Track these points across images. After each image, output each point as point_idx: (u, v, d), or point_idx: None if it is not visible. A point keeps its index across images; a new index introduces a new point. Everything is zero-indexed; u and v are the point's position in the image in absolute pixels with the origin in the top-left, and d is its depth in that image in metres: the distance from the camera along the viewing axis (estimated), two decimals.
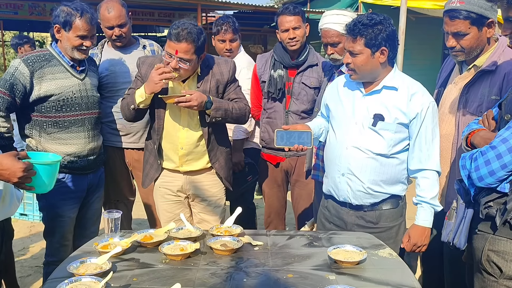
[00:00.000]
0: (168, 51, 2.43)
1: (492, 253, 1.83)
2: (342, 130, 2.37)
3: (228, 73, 2.65)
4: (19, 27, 15.20)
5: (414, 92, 2.27)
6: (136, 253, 2.04)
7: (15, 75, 2.51)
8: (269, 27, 14.27)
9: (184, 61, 2.43)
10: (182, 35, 2.38)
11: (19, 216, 4.85)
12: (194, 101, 2.45)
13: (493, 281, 1.85)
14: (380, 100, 2.29)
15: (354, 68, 2.25)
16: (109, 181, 3.07)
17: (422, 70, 12.03)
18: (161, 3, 11.73)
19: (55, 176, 1.99)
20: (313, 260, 1.97)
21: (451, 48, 2.30)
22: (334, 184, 2.41)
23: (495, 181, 1.74)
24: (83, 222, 2.86)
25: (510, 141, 1.69)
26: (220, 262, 1.94)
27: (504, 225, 1.78)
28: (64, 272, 1.81)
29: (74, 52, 2.62)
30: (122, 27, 2.98)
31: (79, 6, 2.59)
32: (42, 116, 2.61)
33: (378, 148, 2.28)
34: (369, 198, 2.34)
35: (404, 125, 2.27)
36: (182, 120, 2.62)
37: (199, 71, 2.60)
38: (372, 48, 2.19)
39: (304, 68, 3.21)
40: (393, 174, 2.32)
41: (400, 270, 1.91)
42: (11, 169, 1.77)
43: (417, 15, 11.65)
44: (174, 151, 2.66)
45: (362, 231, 2.34)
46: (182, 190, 2.77)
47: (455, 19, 2.21)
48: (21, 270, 3.70)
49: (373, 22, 2.16)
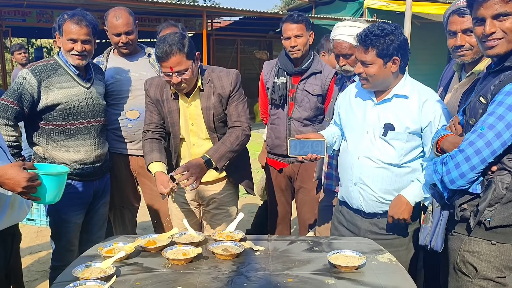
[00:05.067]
0: (165, 71, 2.44)
1: (468, 254, 1.88)
2: (354, 139, 2.39)
3: (229, 86, 2.61)
4: (27, 34, 15.41)
5: (426, 99, 2.27)
6: (139, 257, 2.08)
7: (23, 85, 2.57)
8: (274, 33, 14.34)
9: (182, 72, 2.43)
10: (167, 51, 2.37)
11: (26, 221, 4.91)
12: (195, 174, 2.41)
13: (468, 281, 1.90)
14: (391, 109, 2.30)
15: (367, 77, 2.26)
16: (114, 188, 3.12)
17: (428, 75, 12.01)
18: (167, 10, 11.84)
19: (62, 188, 1.99)
20: (313, 264, 2.00)
21: (459, 47, 2.25)
22: (347, 192, 2.44)
23: (466, 182, 1.80)
24: (89, 227, 2.91)
25: (476, 144, 1.75)
26: (221, 267, 1.98)
27: (480, 226, 1.83)
28: (69, 276, 1.85)
29: (69, 57, 2.65)
30: (129, 34, 3.04)
31: (75, 11, 2.63)
32: (49, 124, 2.66)
33: (389, 158, 2.29)
34: (381, 207, 2.35)
35: (416, 134, 2.28)
36: (191, 137, 2.65)
37: (201, 85, 2.58)
38: (385, 59, 2.21)
39: (307, 76, 3.24)
40: (405, 183, 2.32)
41: (399, 275, 1.93)
42: (15, 178, 1.79)
43: (422, 20, 11.67)
44: None
45: (375, 238, 2.35)
46: (195, 199, 2.80)
47: (464, 15, 2.18)
48: (28, 275, 3.75)
49: (385, 33, 2.18)
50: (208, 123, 2.61)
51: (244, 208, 5.36)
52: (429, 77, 11.79)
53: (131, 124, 3.06)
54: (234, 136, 2.60)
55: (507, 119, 1.69)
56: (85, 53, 2.65)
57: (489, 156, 1.74)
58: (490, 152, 1.73)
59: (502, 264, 1.83)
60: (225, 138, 2.61)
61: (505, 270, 1.83)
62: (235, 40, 14.59)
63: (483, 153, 1.74)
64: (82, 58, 2.65)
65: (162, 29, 3.30)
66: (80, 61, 2.66)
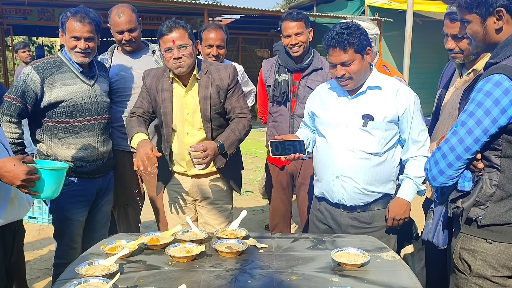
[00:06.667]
0: (166, 46, 2.52)
1: (464, 251, 1.89)
2: (333, 134, 2.43)
3: (227, 78, 2.67)
4: (28, 32, 15.40)
5: (398, 88, 2.39)
6: (142, 255, 2.08)
7: (27, 82, 2.57)
8: (275, 31, 14.31)
9: (183, 47, 2.51)
10: (172, 26, 2.51)
11: (28, 219, 4.91)
12: (210, 155, 2.45)
13: (464, 279, 1.91)
14: (366, 101, 2.39)
15: (351, 76, 2.33)
16: (119, 185, 3.12)
17: (429, 73, 12.01)
18: (168, 8, 11.84)
19: (60, 183, 1.98)
20: (316, 262, 2.00)
21: (450, 50, 2.36)
22: (328, 187, 2.47)
23: (446, 179, 1.83)
24: (92, 225, 2.91)
25: (450, 141, 1.79)
26: (225, 264, 1.98)
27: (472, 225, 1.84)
28: (72, 273, 1.85)
29: (72, 55, 2.65)
30: (132, 31, 3.03)
31: (78, 8, 2.63)
32: (52, 122, 2.66)
33: (371, 147, 2.37)
34: (363, 198, 2.43)
35: (393, 122, 2.38)
36: (186, 126, 2.67)
37: (197, 74, 2.63)
38: (361, 52, 2.31)
39: (308, 72, 3.24)
40: (385, 173, 2.42)
41: (403, 272, 1.93)
42: (14, 171, 1.78)
43: (424, 19, 11.63)
44: (182, 156, 2.71)
45: (356, 232, 2.43)
46: (189, 193, 2.81)
47: (455, 21, 2.25)
48: (30, 273, 3.76)
49: (353, 29, 2.29)
50: (204, 112, 2.64)
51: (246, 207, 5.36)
52: (431, 75, 11.80)
53: None
54: (242, 126, 2.68)
55: (476, 116, 1.71)
56: (89, 51, 2.64)
57: (463, 152, 1.76)
58: (464, 148, 1.75)
59: (499, 264, 1.81)
60: (234, 127, 2.67)
61: (502, 270, 1.81)
62: (237, 38, 14.57)
63: (457, 149, 1.77)
64: (85, 55, 2.65)
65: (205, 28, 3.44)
66: (84, 58, 2.65)
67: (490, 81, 1.69)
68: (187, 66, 2.55)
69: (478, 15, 1.75)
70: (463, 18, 1.82)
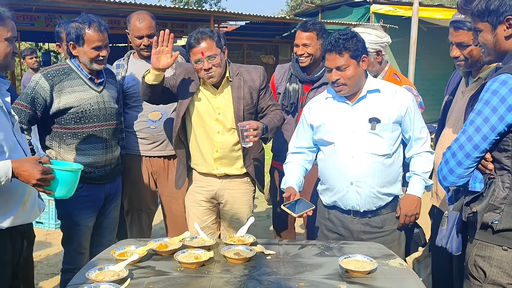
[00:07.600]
0: (196, 58, 2.59)
1: (479, 258, 1.89)
2: (342, 141, 2.44)
3: (259, 79, 2.79)
4: (35, 38, 15.53)
5: (395, 90, 2.48)
6: (151, 261, 2.09)
7: (36, 89, 2.61)
8: (280, 38, 14.36)
9: (212, 57, 2.58)
10: (199, 37, 2.58)
11: (35, 224, 4.93)
12: (259, 134, 2.58)
13: (478, 286, 1.91)
14: (369, 104, 2.43)
15: (345, 82, 2.36)
16: (133, 190, 3.15)
17: (434, 80, 12.01)
18: (174, 15, 11.92)
19: (75, 184, 2.06)
20: (324, 269, 2.01)
21: (455, 58, 2.39)
22: (341, 194, 2.47)
23: (456, 178, 1.85)
24: (100, 230, 2.93)
25: (460, 139, 1.83)
26: (233, 271, 1.99)
27: (488, 230, 1.85)
28: (82, 278, 1.87)
29: (93, 65, 2.70)
30: (151, 37, 3.07)
31: (85, 18, 2.67)
32: (61, 128, 2.70)
33: (382, 149, 2.41)
34: (376, 202, 2.45)
35: (397, 123, 2.43)
36: (217, 124, 2.75)
37: (229, 76, 2.72)
38: (357, 59, 2.35)
39: (318, 85, 3.21)
40: (395, 173, 2.48)
41: (411, 280, 1.94)
42: (31, 170, 1.86)
43: (429, 25, 11.65)
44: (210, 154, 2.77)
45: (369, 237, 2.44)
46: (215, 196, 2.86)
47: (459, 29, 2.30)
48: (37, 277, 3.76)
49: (350, 36, 2.34)
50: (237, 112, 2.72)
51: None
52: (436, 82, 11.79)
53: (154, 125, 3.10)
54: (279, 116, 2.84)
55: (484, 113, 1.76)
56: (106, 57, 2.74)
57: (472, 150, 1.79)
58: (472, 146, 1.79)
59: None
60: (273, 115, 2.81)
61: None
62: (242, 45, 14.64)
63: (466, 147, 1.80)
64: (104, 61, 2.74)
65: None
66: (104, 65, 2.75)
67: (497, 81, 1.76)
68: (218, 75, 2.64)
69: (489, 23, 1.83)
70: (475, 27, 1.91)
